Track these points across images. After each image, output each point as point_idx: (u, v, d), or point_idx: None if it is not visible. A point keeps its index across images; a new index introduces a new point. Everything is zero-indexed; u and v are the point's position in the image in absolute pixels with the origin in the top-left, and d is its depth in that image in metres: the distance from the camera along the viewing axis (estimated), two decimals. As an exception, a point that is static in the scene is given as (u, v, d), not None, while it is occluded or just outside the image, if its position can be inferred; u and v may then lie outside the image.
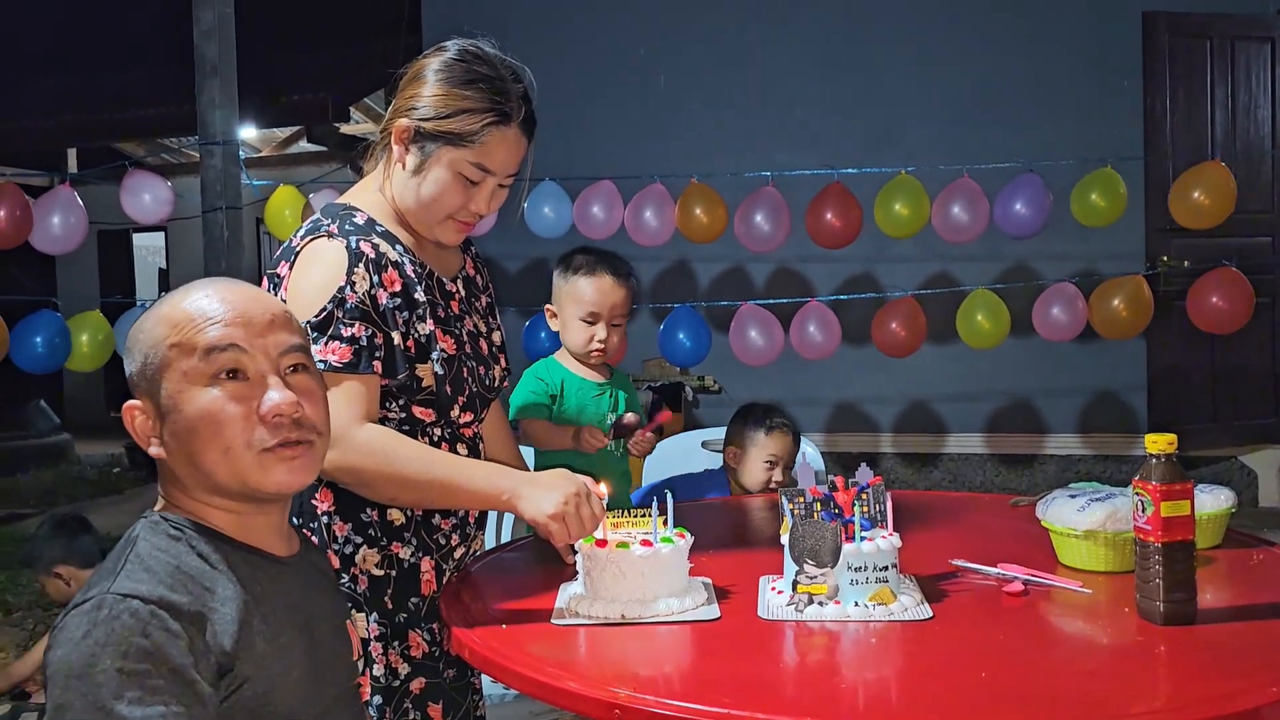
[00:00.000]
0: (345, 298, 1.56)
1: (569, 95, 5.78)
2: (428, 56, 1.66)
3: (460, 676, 1.70)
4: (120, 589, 1.09)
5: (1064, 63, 5.59)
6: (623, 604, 1.47)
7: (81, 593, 1.12)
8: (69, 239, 4.44)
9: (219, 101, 4.86)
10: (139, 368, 1.22)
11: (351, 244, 1.59)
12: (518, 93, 1.64)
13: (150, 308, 1.27)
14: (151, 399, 1.21)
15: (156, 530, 1.19)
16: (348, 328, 1.56)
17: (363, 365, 1.56)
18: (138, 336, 1.23)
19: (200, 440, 1.19)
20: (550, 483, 1.55)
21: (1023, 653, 1.33)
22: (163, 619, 1.08)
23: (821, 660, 1.37)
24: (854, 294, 5.37)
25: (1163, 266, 5.10)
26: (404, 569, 1.65)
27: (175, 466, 1.22)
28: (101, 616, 1.06)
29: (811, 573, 1.46)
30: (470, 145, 1.60)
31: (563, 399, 2.19)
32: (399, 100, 1.66)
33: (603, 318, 2.19)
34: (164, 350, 1.20)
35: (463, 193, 1.63)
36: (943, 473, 5.81)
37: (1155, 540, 1.37)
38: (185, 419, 1.19)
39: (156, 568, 1.13)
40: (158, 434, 1.21)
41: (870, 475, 1.58)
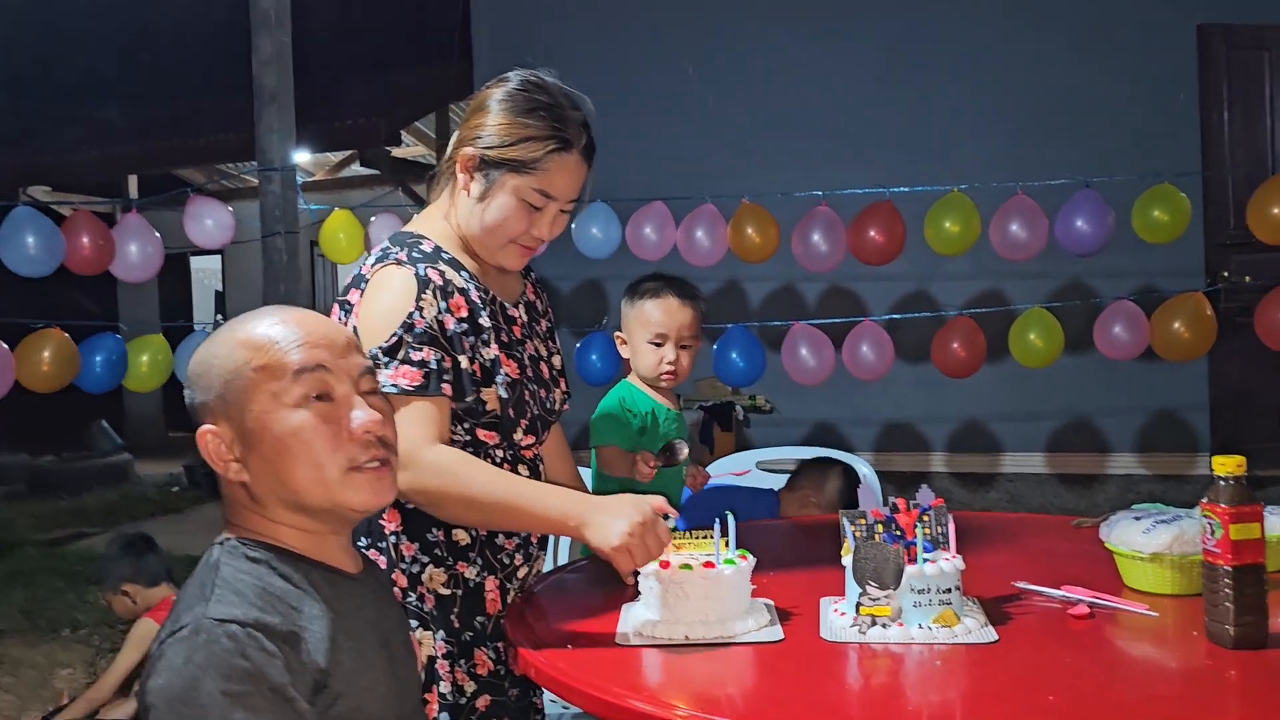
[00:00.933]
0: (414, 323, 1.60)
1: (617, 116, 5.76)
2: (490, 87, 1.70)
3: (523, 696, 1.72)
4: (215, 614, 1.11)
5: (1118, 78, 5.53)
6: (687, 625, 1.48)
7: (172, 621, 1.14)
8: (147, 266, 4.56)
9: (277, 128, 4.97)
10: (217, 394, 1.22)
11: (419, 271, 1.63)
12: (578, 120, 1.68)
13: (213, 336, 1.28)
14: (231, 423, 1.22)
15: (235, 554, 1.21)
16: (417, 352, 1.59)
17: (432, 388, 1.59)
18: (211, 363, 1.24)
19: (292, 459, 1.21)
20: (617, 510, 1.53)
21: (1091, 677, 1.32)
22: (259, 640, 1.10)
23: (886, 683, 1.37)
24: (907, 313, 5.35)
25: (1223, 282, 5.01)
26: (469, 588, 1.68)
27: (258, 488, 1.23)
28: (200, 641, 1.08)
29: (874, 595, 1.47)
30: (533, 172, 1.64)
31: (655, 428, 2.20)
32: (464, 130, 1.70)
33: (671, 339, 2.20)
34: (248, 373, 1.21)
35: (526, 218, 1.67)
36: (1000, 493, 5.74)
37: (1225, 564, 1.35)
38: (276, 439, 1.21)
39: (245, 590, 1.15)
40: (237, 457, 1.22)
41: (932, 497, 1.58)
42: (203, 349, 1.27)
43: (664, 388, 2.24)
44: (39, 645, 4.10)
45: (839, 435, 5.91)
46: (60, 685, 3.64)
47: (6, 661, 3.93)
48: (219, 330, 1.28)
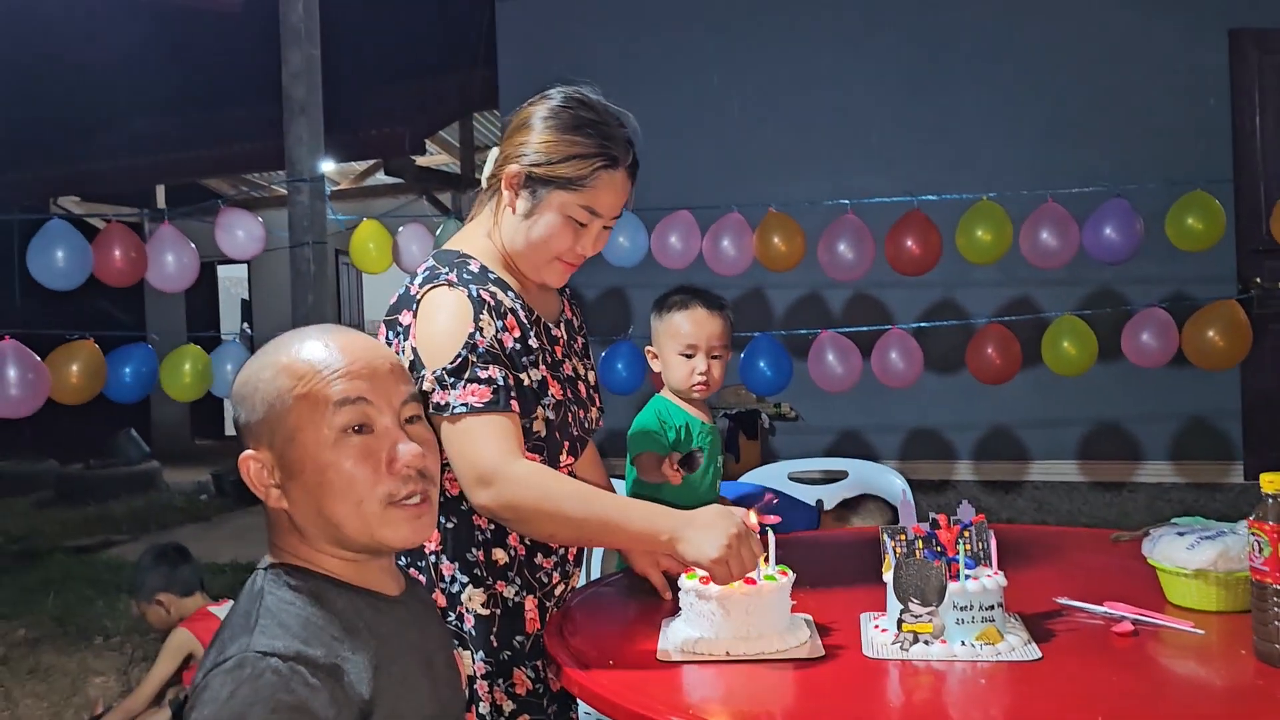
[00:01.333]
0: (476, 343, 1.59)
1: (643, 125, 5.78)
2: (533, 104, 1.70)
3: (562, 713, 1.71)
4: (260, 646, 1.10)
5: (1149, 83, 5.50)
6: (727, 641, 1.47)
7: (217, 652, 1.13)
8: (183, 276, 4.61)
9: (306, 140, 5.01)
10: (260, 418, 1.21)
11: (472, 292, 1.62)
12: (623, 137, 1.69)
13: (259, 357, 1.26)
14: (273, 449, 1.21)
15: (278, 583, 1.20)
16: (484, 370, 1.58)
17: (502, 404, 1.58)
18: (256, 386, 1.23)
19: (333, 493, 1.20)
20: (709, 522, 1.51)
21: (1137, 695, 1.31)
22: (303, 674, 1.09)
23: (929, 700, 1.36)
24: (935, 321, 5.32)
25: (1256, 289, 4.97)
26: (508, 608, 1.67)
27: (299, 517, 1.22)
28: (245, 675, 1.08)
29: (917, 611, 1.46)
30: (580, 189, 1.65)
31: (689, 441, 2.20)
32: (507, 147, 1.70)
33: (701, 349, 2.20)
34: (289, 401, 1.20)
35: (571, 235, 1.67)
36: (1027, 500, 5.70)
37: (1275, 582, 1.33)
38: (316, 472, 1.20)
39: (289, 622, 1.14)
40: (278, 483, 1.22)
41: (973, 513, 1.57)
42: (248, 369, 1.26)
43: (697, 399, 2.23)
44: (71, 653, 4.13)
45: (865, 443, 5.89)
46: (94, 693, 3.66)
47: (39, 669, 3.96)
48: (265, 350, 1.27)
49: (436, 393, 1.58)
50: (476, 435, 1.56)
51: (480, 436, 1.55)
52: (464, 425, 1.56)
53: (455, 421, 1.57)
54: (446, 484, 1.65)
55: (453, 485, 1.64)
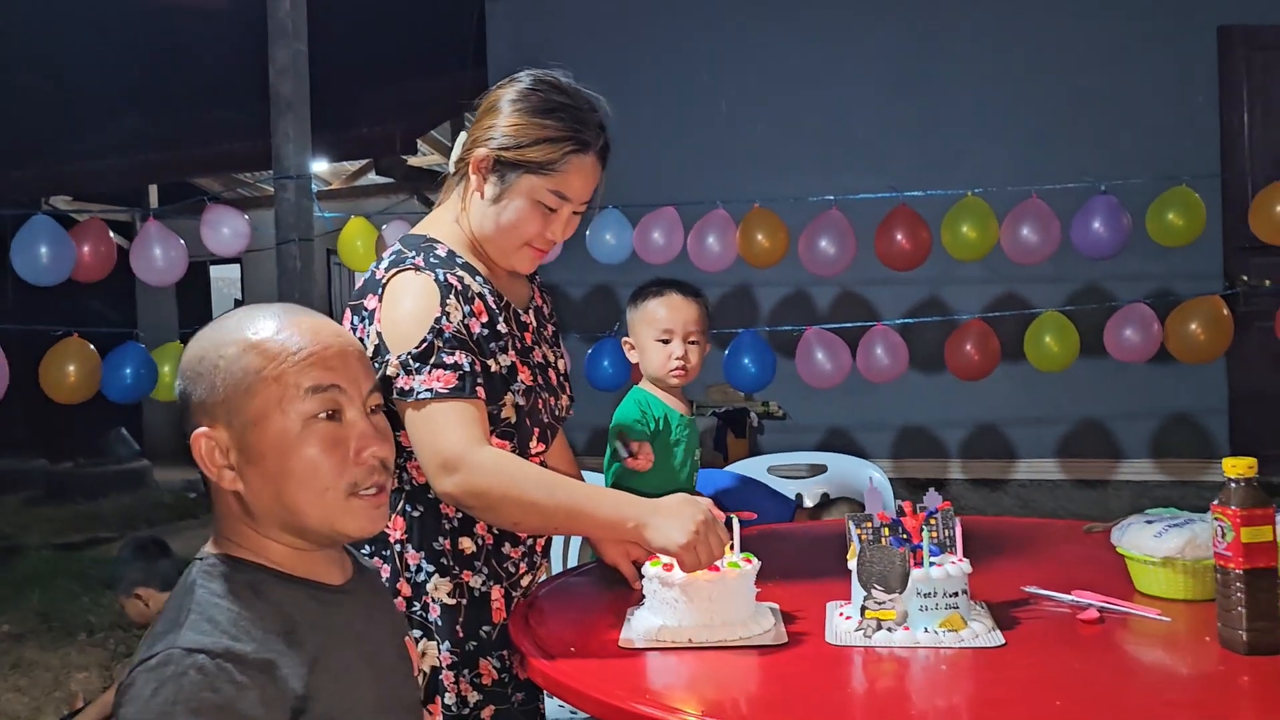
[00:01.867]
0: (443, 328, 1.57)
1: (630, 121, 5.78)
2: (501, 88, 1.68)
3: (528, 701, 1.70)
4: (185, 643, 1.06)
5: (1137, 80, 5.50)
6: (690, 629, 1.47)
7: (146, 647, 1.09)
8: (171, 270, 4.61)
9: (293, 137, 4.99)
10: (220, 397, 1.16)
11: (439, 276, 1.60)
12: (595, 121, 1.67)
13: (217, 329, 1.20)
14: (230, 429, 1.16)
15: (213, 575, 1.15)
16: (450, 355, 1.56)
17: (468, 390, 1.56)
18: (215, 363, 1.16)
19: (294, 480, 1.16)
20: (675, 510, 1.51)
21: (1100, 682, 1.30)
22: (229, 671, 1.06)
23: (890, 686, 1.36)
24: (921, 317, 5.32)
25: (1242, 286, 4.97)
26: (475, 598, 1.65)
27: (253, 502, 1.18)
28: (169, 673, 1.04)
29: (880, 598, 1.45)
30: (550, 173, 1.63)
31: (667, 432, 2.20)
32: (475, 131, 1.68)
33: (677, 334, 2.20)
34: (257, 382, 1.16)
35: (540, 220, 1.66)
36: (1012, 498, 5.70)
37: (1237, 567, 1.33)
38: (279, 457, 1.16)
39: (219, 617, 1.11)
40: (231, 465, 1.17)
41: (939, 500, 1.56)
42: (204, 341, 1.20)
43: (674, 386, 2.23)
44: (54, 649, 4.12)
45: (853, 441, 5.88)
46: (75, 688, 3.65)
47: (21, 664, 3.95)
48: (223, 321, 1.21)
49: (401, 378, 1.56)
50: (441, 422, 1.54)
51: (445, 423, 1.54)
52: (429, 411, 1.54)
53: (420, 408, 1.55)
54: (413, 472, 1.64)
55: (419, 474, 1.62)
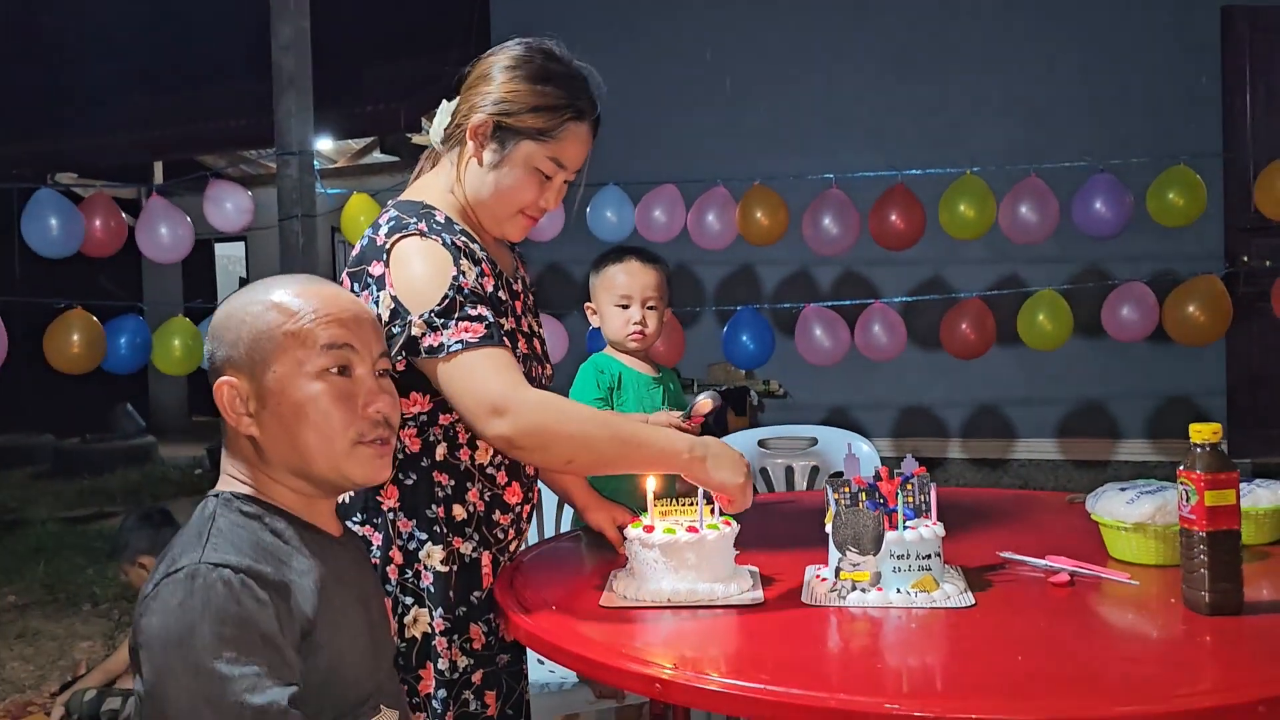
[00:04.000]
0: (462, 284, 1.57)
1: (633, 99, 5.85)
2: (493, 55, 1.69)
3: (513, 662, 1.72)
4: (211, 559, 1.15)
5: (1140, 60, 5.49)
6: (670, 589, 1.50)
7: (167, 564, 1.17)
8: (177, 247, 4.64)
9: (295, 113, 5.01)
10: (244, 350, 1.27)
11: (446, 240, 1.61)
12: (589, 91, 1.69)
13: (243, 293, 1.32)
14: (252, 380, 1.27)
15: (230, 508, 1.25)
16: (473, 308, 1.56)
17: (497, 339, 1.56)
18: (240, 319, 1.28)
19: (307, 426, 1.27)
20: (727, 451, 1.59)
21: (1064, 639, 1.34)
22: (252, 588, 1.14)
23: (863, 645, 1.39)
24: (921, 296, 5.34)
25: (1242, 266, 4.97)
26: (465, 564, 1.66)
27: (268, 446, 1.28)
28: (197, 585, 1.12)
29: (854, 560, 1.49)
30: (548, 140, 1.64)
31: (620, 391, 2.23)
32: (469, 98, 1.67)
33: (636, 299, 2.23)
34: (278, 335, 1.27)
35: (536, 187, 1.67)
36: (1013, 478, 5.73)
37: (1200, 529, 1.36)
38: (294, 404, 1.27)
39: (240, 542, 1.20)
40: (250, 412, 1.27)
41: (915, 465, 1.59)
42: (231, 304, 1.31)
43: (634, 350, 2.26)
44: (59, 619, 4.19)
45: (853, 419, 5.91)
46: (79, 657, 3.71)
47: (26, 634, 4.01)
48: (249, 288, 1.32)
49: (428, 336, 1.55)
50: (479, 368, 1.53)
51: (483, 369, 1.53)
52: (462, 360, 1.53)
53: (451, 359, 1.54)
54: (406, 440, 1.66)
55: (413, 441, 1.65)
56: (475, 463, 1.67)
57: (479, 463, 1.67)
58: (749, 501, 1.59)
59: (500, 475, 1.70)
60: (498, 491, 1.70)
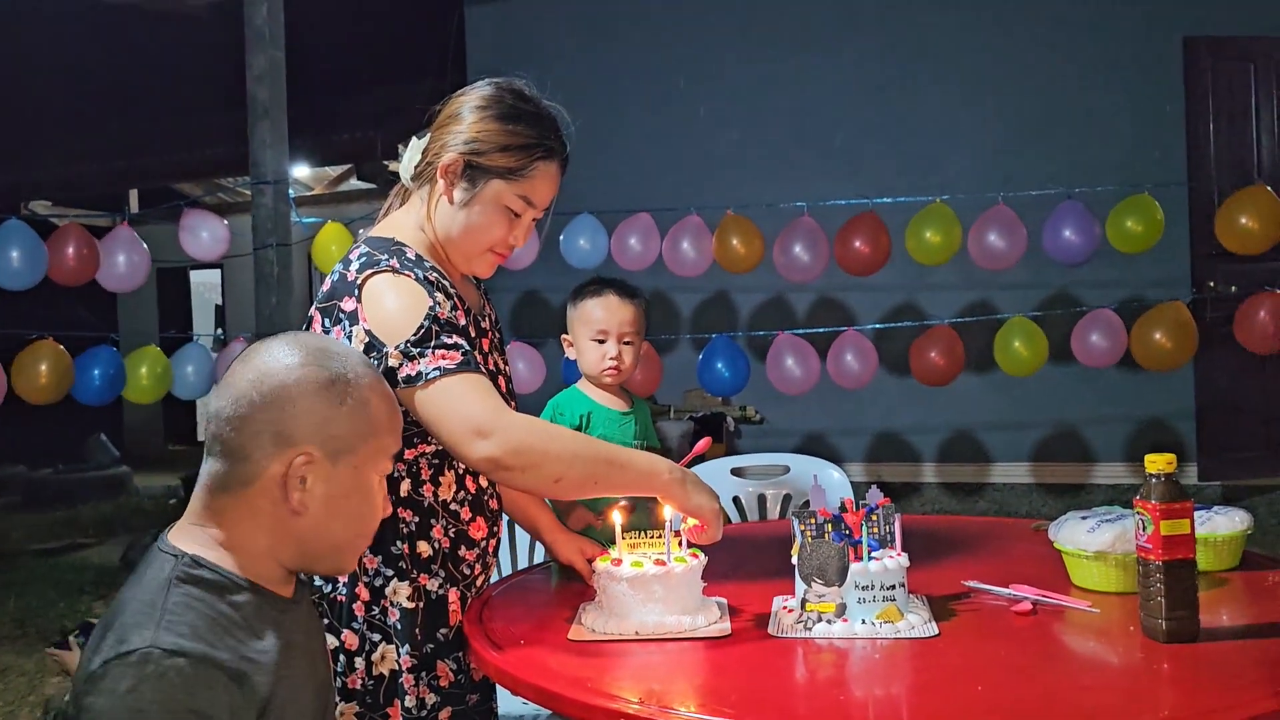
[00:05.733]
0: (438, 314, 1.59)
1: (606, 127, 5.90)
2: (463, 95, 1.71)
3: (483, 702, 1.72)
4: (165, 644, 1.09)
5: (1105, 90, 5.58)
6: (637, 621, 1.51)
7: (115, 638, 1.10)
8: (133, 277, 4.63)
9: (270, 142, 5.03)
10: (338, 430, 1.24)
11: (418, 275, 1.62)
12: (558, 130, 1.71)
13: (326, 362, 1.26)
14: (333, 463, 1.25)
15: (189, 578, 1.18)
16: (449, 336, 1.58)
17: (473, 365, 1.57)
18: (343, 397, 1.25)
19: (357, 525, 1.30)
20: (701, 481, 1.65)
21: (1024, 668, 1.35)
22: (207, 679, 1.10)
23: (827, 676, 1.41)
24: (893, 323, 5.38)
25: (1208, 293, 5.05)
26: (432, 600, 1.66)
27: (301, 528, 1.25)
28: (149, 672, 1.07)
29: (819, 591, 1.50)
30: (519, 179, 1.66)
31: (588, 428, 2.24)
32: (439, 136, 1.69)
33: (612, 334, 2.24)
34: (370, 430, 1.28)
35: (506, 225, 1.69)
36: (988, 503, 5.77)
37: (1156, 559, 1.38)
38: (360, 502, 1.29)
39: (196, 622, 1.14)
40: (303, 491, 1.24)
41: (880, 497, 1.61)
42: (304, 375, 1.25)
43: (609, 385, 2.27)
44: (29, 654, 4.13)
45: (830, 445, 5.94)
46: (50, 693, 3.67)
47: (-3, 669, 3.96)
48: (329, 355, 1.28)
49: (405, 365, 1.55)
50: (459, 392, 1.54)
51: (464, 393, 1.54)
52: (442, 386, 1.54)
53: (430, 386, 1.54)
54: None
55: None
56: (439, 499, 1.67)
57: (442, 499, 1.67)
58: (719, 533, 1.62)
59: (464, 511, 1.70)
60: (462, 528, 1.70)
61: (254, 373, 1.24)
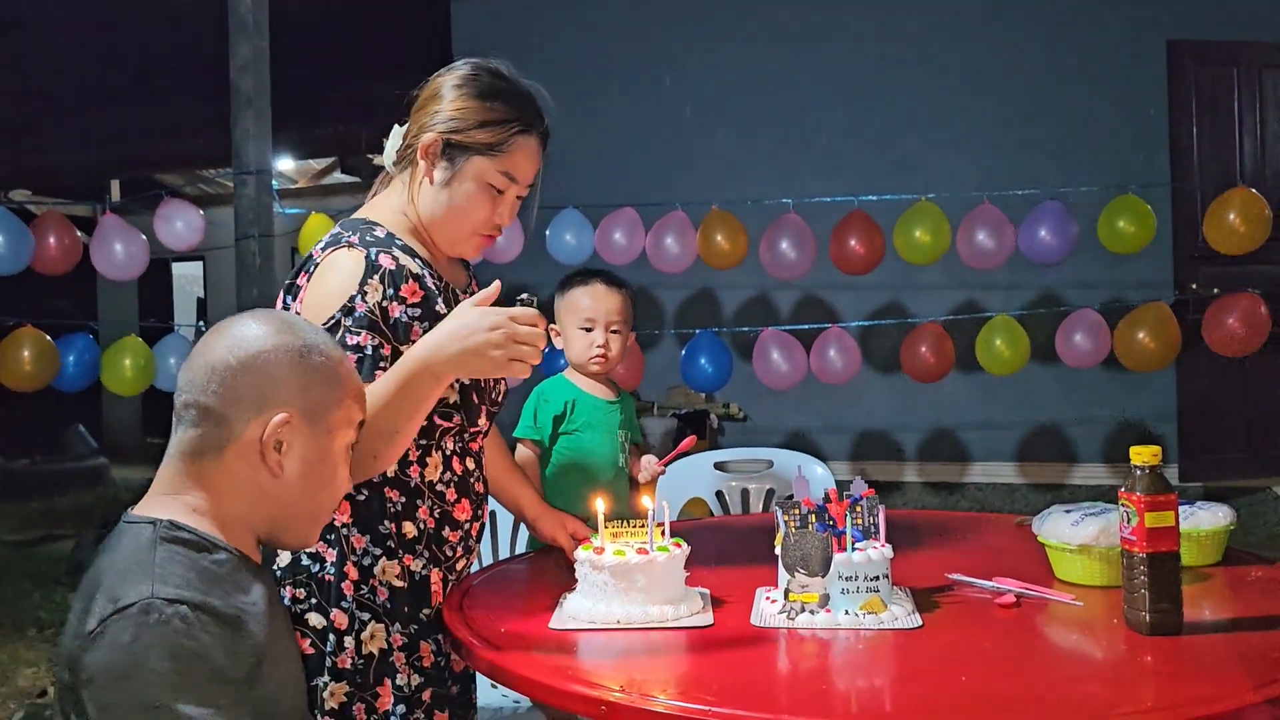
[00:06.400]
0: (354, 307, 1.57)
1: (593, 122, 5.89)
2: (441, 76, 1.71)
3: (464, 693, 1.72)
4: (164, 594, 1.12)
5: (1090, 92, 5.61)
6: (620, 611, 1.50)
7: (106, 598, 1.12)
8: (131, 265, 4.60)
9: (253, 132, 4.98)
10: (314, 397, 1.28)
11: (371, 255, 1.61)
12: (535, 105, 1.71)
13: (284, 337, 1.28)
14: (311, 427, 1.28)
15: (171, 539, 1.20)
16: (353, 336, 1.57)
17: (364, 373, 1.55)
18: (315, 363, 1.29)
19: (329, 490, 1.32)
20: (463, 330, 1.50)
21: (1008, 660, 1.35)
22: (205, 622, 1.13)
23: (810, 666, 1.40)
24: (878, 320, 5.39)
25: (1190, 294, 5.07)
26: (415, 581, 1.66)
27: (277, 491, 1.27)
28: (150, 620, 1.10)
29: (803, 581, 1.49)
30: (498, 154, 1.66)
31: (572, 415, 2.23)
32: (419, 118, 1.69)
33: (599, 323, 2.24)
34: (340, 395, 1.31)
35: (489, 203, 1.69)
36: (970, 501, 5.78)
37: (1140, 551, 1.38)
38: (332, 467, 1.31)
39: (188, 573, 1.17)
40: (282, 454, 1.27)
41: (864, 488, 1.60)
42: (283, 343, 1.28)
43: (596, 373, 2.27)
44: (3, 644, 4.09)
45: (812, 442, 5.94)
46: (24, 684, 3.63)
47: (-30, 660, 3.92)
48: (298, 329, 1.31)
49: None
50: None
51: None
52: None
53: None
54: None
55: None
56: (425, 479, 1.67)
57: (428, 479, 1.67)
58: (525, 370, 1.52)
59: (450, 492, 1.70)
60: (447, 508, 1.70)
61: (229, 340, 1.27)
